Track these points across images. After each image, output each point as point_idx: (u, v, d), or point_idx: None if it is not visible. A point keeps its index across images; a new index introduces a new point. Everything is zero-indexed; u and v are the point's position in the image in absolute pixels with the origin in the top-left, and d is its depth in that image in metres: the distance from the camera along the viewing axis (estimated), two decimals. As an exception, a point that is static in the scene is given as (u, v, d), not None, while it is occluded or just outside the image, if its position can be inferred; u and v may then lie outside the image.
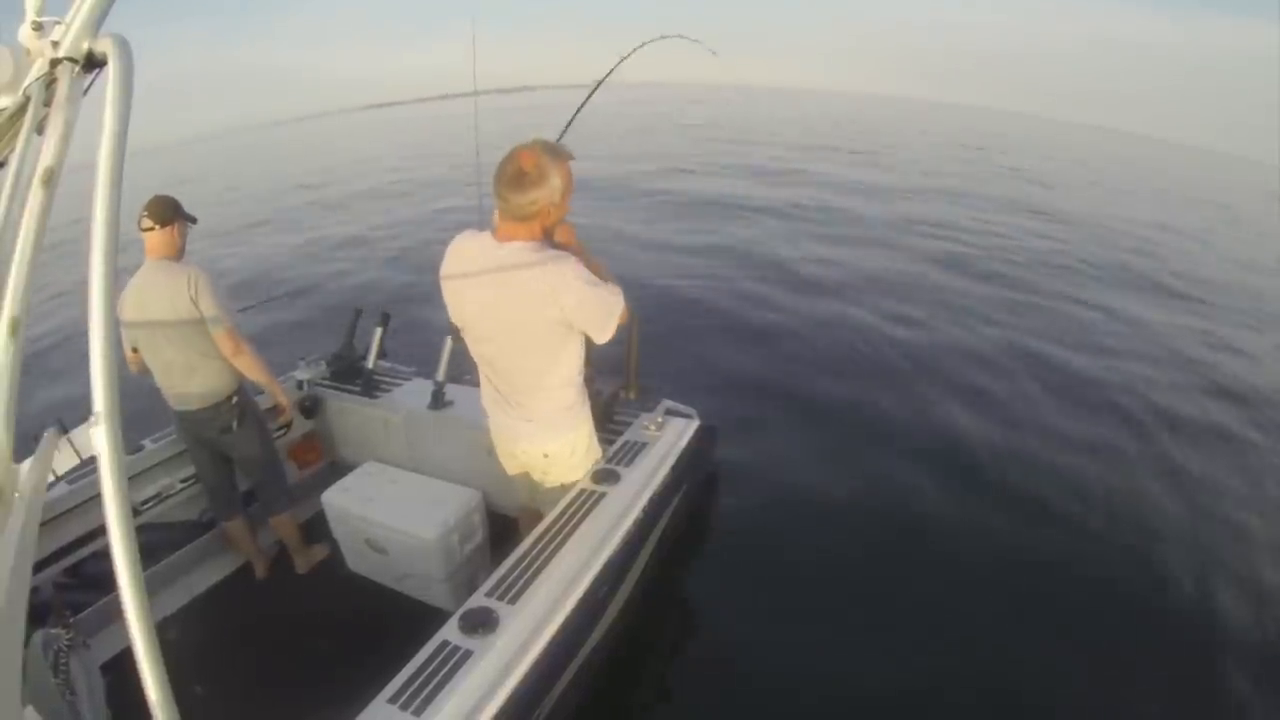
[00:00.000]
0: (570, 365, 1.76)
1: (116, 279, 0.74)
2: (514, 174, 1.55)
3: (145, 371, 2.31)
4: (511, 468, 2.03)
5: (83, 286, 0.71)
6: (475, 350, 1.81)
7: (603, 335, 1.65)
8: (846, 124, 30.94)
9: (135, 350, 2.28)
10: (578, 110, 2.71)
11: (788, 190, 11.56)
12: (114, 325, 0.72)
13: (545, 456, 1.91)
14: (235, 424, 2.37)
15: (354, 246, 8.93)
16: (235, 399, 2.37)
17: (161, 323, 2.18)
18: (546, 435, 1.87)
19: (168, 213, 2.21)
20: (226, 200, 14.13)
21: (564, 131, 2.59)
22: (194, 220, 2.33)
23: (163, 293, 2.17)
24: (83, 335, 0.70)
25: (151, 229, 2.19)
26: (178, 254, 2.25)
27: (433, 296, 1.76)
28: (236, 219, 11.67)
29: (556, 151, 1.59)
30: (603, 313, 1.62)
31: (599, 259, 1.75)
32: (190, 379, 2.28)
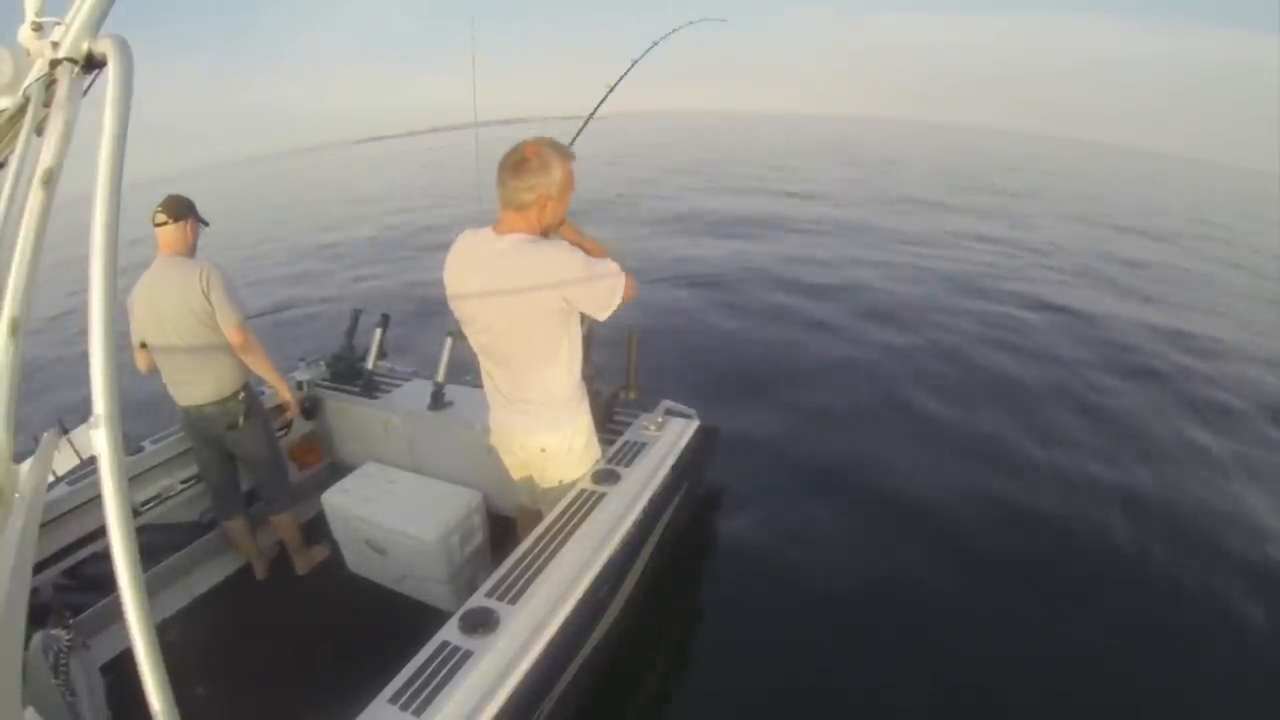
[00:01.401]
0: (569, 358, 1.78)
1: (119, 279, 0.74)
2: (517, 160, 1.59)
3: (153, 368, 2.32)
4: (511, 464, 2.03)
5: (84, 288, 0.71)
6: (475, 342, 1.83)
7: (604, 313, 1.67)
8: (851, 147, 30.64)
9: (143, 345, 2.28)
10: (599, 104, 2.67)
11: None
12: (114, 328, 0.72)
13: (543, 451, 1.91)
14: (241, 420, 2.37)
15: (355, 262, 8.97)
16: (242, 395, 2.37)
17: (172, 317, 2.19)
18: (544, 429, 1.87)
19: (180, 209, 2.24)
20: (233, 228, 14.10)
21: (583, 126, 2.58)
22: (206, 223, 2.35)
23: (175, 286, 2.18)
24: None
25: (165, 224, 2.21)
26: (189, 250, 2.27)
27: (432, 298, 1.77)
28: (241, 245, 11.68)
29: (560, 148, 1.63)
30: (603, 290, 1.64)
31: (597, 240, 1.77)
32: (198, 373, 2.29)
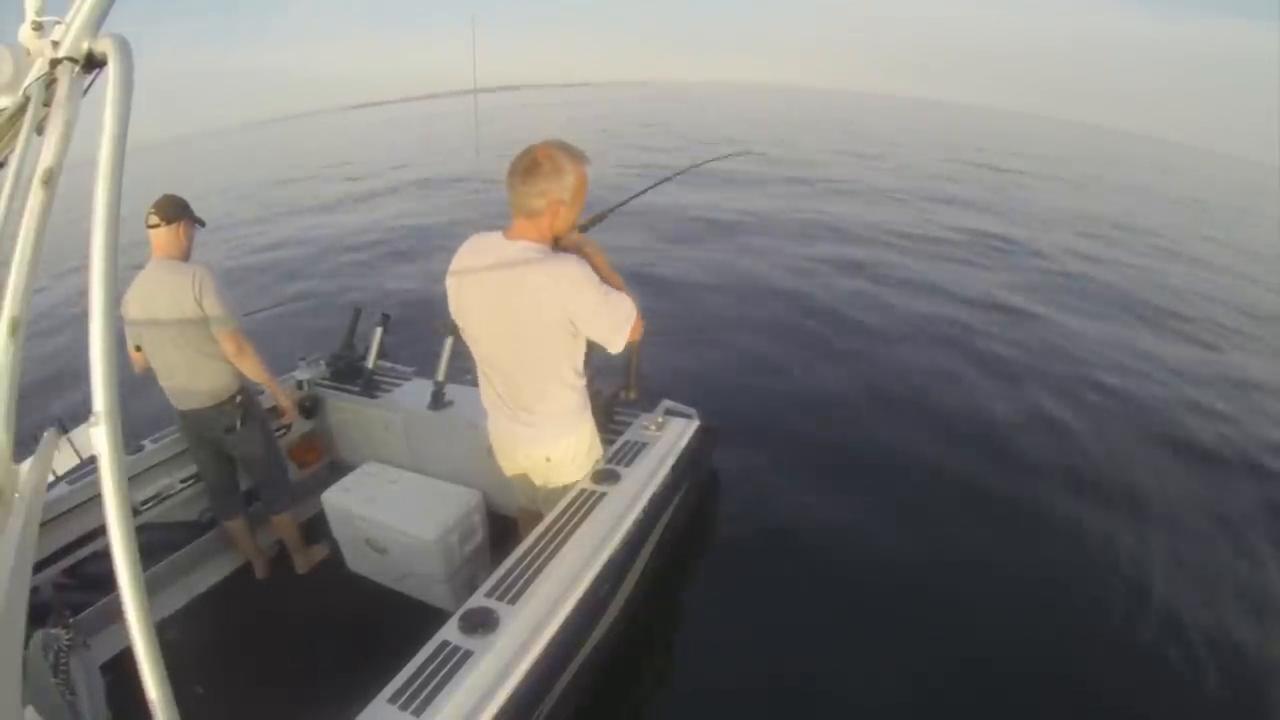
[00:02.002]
0: (573, 367, 1.75)
1: (119, 278, 0.74)
2: (528, 165, 1.53)
3: (149, 371, 2.31)
4: (512, 470, 2.01)
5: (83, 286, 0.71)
6: (476, 350, 1.80)
7: (614, 346, 1.64)
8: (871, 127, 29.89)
9: (138, 349, 2.28)
10: (636, 195, 2.41)
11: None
12: (114, 325, 0.72)
13: (547, 460, 1.89)
14: (238, 423, 2.37)
15: (355, 251, 8.89)
16: (239, 398, 2.37)
17: (165, 321, 2.18)
18: (549, 439, 1.85)
19: (174, 211, 2.21)
20: (220, 199, 13.93)
21: (610, 211, 2.24)
22: (202, 223, 2.33)
23: (167, 291, 2.17)
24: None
25: (157, 226, 2.19)
26: (183, 253, 2.25)
27: (433, 297, 1.76)
28: (230, 219, 11.57)
29: (572, 150, 1.58)
30: (614, 323, 1.61)
31: (614, 271, 1.72)
32: (193, 378, 2.28)
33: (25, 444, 0.83)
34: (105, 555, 0.69)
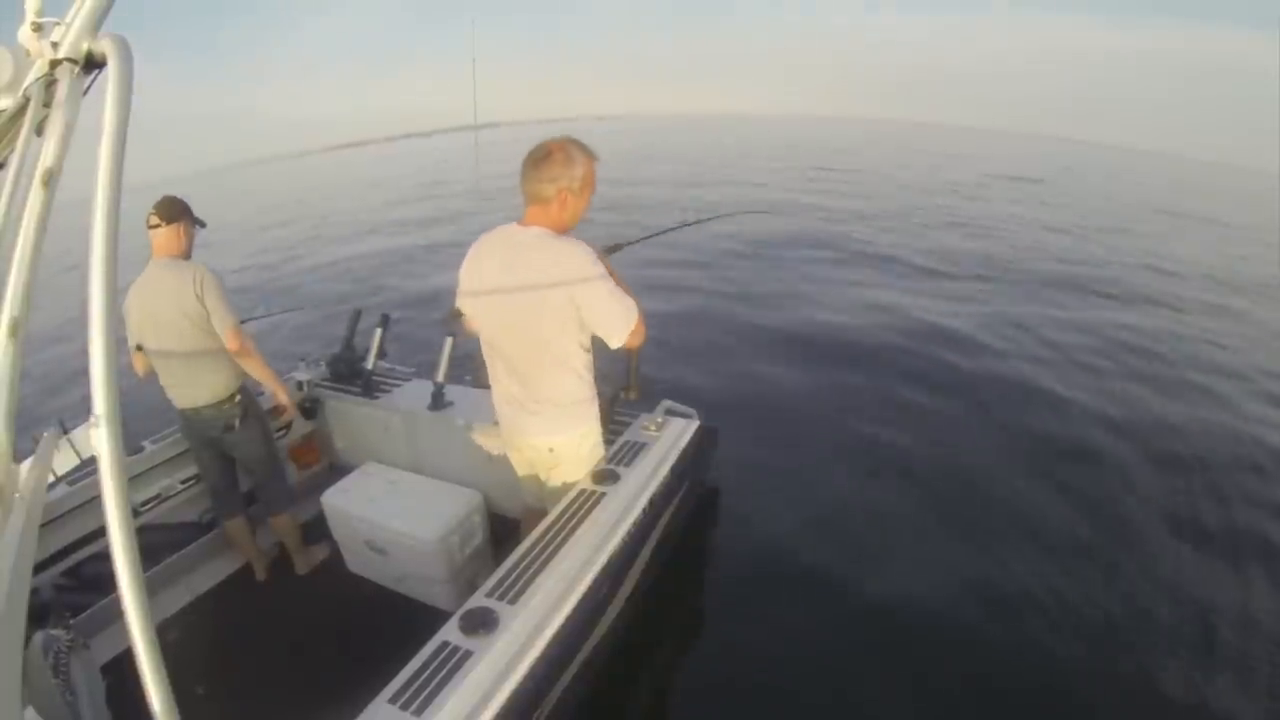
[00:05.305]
0: (580, 358, 1.79)
1: (119, 279, 0.74)
2: (541, 154, 1.63)
3: (150, 373, 2.31)
4: (518, 463, 2.04)
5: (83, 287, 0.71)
6: (485, 337, 1.83)
7: (613, 340, 1.69)
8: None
9: (139, 348, 2.28)
10: (652, 234, 2.57)
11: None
12: (114, 326, 0.72)
13: (551, 450, 1.92)
14: (238, 422, 2.37)
15: (357, 262, 8.82)
16: (238, 397, 2.37)
17: (166, 320, 2.18)
18: (554, 429, 1.88)
19: (174, 211, 2.23)
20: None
21: (633, 242, 2.32)
22: (202, 224, 2.34)
23: (168, 290, 2.17)
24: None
25: (157, 226, 2.20)
26: (183, 253, 2.26)
27: (433, 298, 1.77)
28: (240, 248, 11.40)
29: (584, 146, 1.68)
30: (615, 318, 1.66)
31: (622, 279, 1.77)
32: (194, 377, 2.29)
33: (25, 444, 0.83)
34: (105, 556, 0.69)
